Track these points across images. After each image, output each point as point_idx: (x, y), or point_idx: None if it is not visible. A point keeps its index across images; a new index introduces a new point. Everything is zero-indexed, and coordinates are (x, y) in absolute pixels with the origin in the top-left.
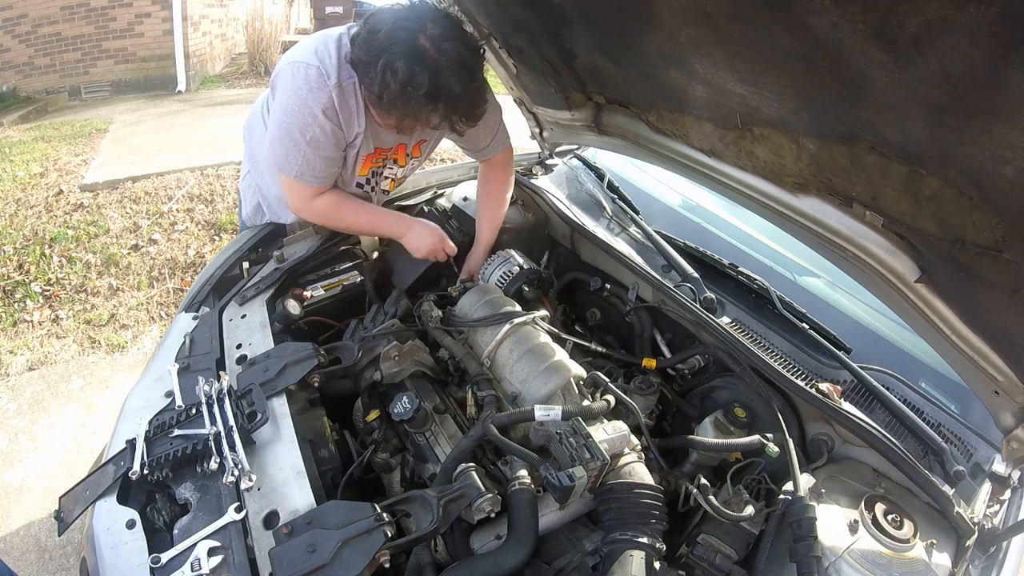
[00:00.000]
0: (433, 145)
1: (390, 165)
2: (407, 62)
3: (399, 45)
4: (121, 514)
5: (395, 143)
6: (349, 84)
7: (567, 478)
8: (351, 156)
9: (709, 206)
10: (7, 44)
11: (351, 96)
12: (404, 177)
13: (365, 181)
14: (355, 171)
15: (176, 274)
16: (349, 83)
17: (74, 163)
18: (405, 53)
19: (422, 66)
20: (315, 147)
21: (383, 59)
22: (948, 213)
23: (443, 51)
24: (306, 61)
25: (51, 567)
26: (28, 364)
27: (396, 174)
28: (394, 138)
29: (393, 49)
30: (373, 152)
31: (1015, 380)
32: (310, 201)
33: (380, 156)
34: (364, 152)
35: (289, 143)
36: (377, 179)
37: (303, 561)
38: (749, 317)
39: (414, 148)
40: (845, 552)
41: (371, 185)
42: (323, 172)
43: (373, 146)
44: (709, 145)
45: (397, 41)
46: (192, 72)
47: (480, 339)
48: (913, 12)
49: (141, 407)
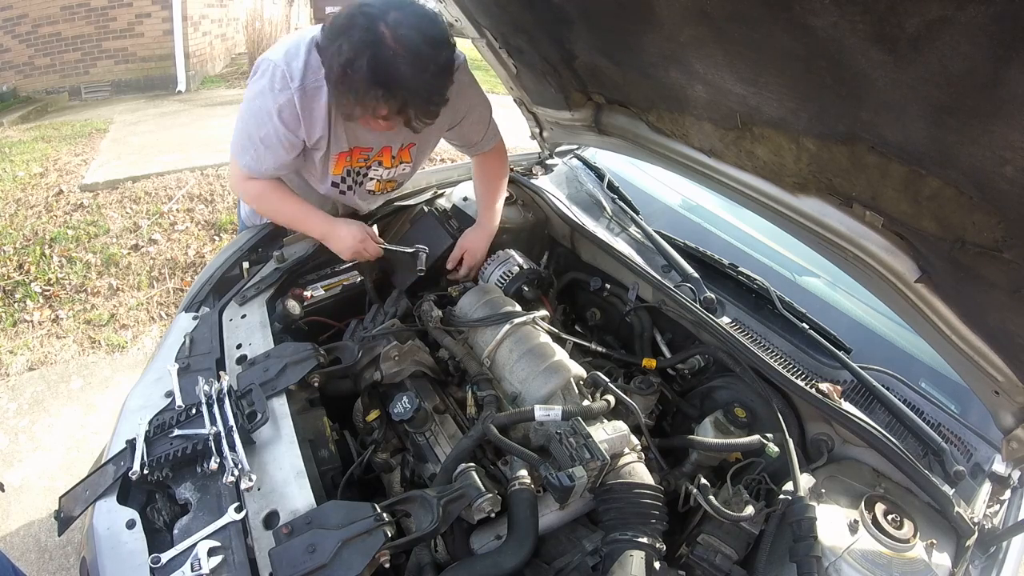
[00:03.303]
0: (427, 150)
1: (375, 167)
2: (357, 45)
3: (357, 30)
4: (121, 514)
5: (379, 144)
6: (314, 87)
7: (567, 478)
8: (316, 157)
9: (709, 206)
10: (7, 44)
11: (315, 99)
12: (395, 181)
13: (340, 180)
14: (327, 170)
15: (176, 274)
16: (314, 86)
17: (74, 163)
18: (360, 37)
19: (371, 50)
20: (266, 145)
21: (337, 42)
22: (948, 213)
23: (400, 38)
24: (275, 61)
25: (51, 567)
26: (28, 364)
27: (382, 175)
28: (376, 138)
29: (350, 33)
30: (349, 151)
31: (1015, 380)
32: (245, 183)
33: (361, 156)
34: (335, 151)
35: (244, 136)
36: (357, 179)
37: (303, 561)
38: (749, 317)
39: (402, 151)
40: (845, 552)
41: (347, 184)
42: (269, 169)
43: (348, 145)
44: (709, 145)
45: (356, 26)
46: (192, 72)
47: (480, 339)
48: (913, 12)
49: (141, 407)
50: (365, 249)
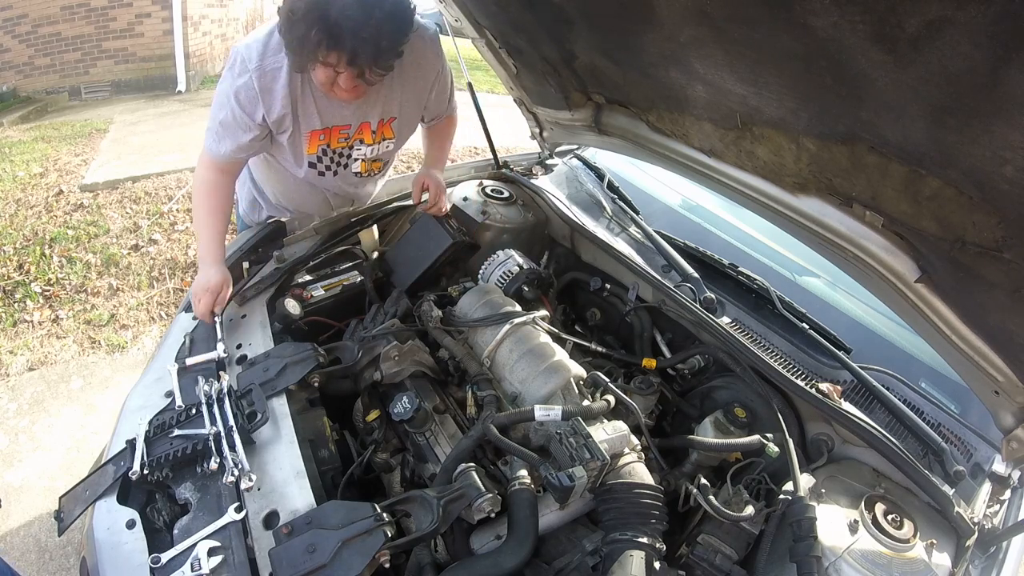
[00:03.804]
0: (410, 124)
1: (357, 145)
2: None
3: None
4: (121, 514)
5: (356, 120)
6: (273, 68)
7: (567, 478)
8: (284, 139)
9: (709, 206)
10: (7, 44)
11: (274, 79)
12: (380, 160)
13: (317, 160)
14: (301, 151)
15: (176, 274)
16: (273, 67)
17: (74, 163)
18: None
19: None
20: (224, 127)
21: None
22: (948, 213)
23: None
24: (239, 48)
25: (51, 567)
26: (28, 364)
27: (366, 154)
28: (352, 113)
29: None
30: (323, 129)
31: (1015, 380)
32: (204, 168)
33: (341, 135)
34: (306, 128)
35: (211, 119)
36: (340, 160)
37: (303, 561)
38: (749, 317)
39: (383, 127)
40: (845, 552)
41: (325, 165)
42: (228, 152)
43: (322, 123)
44: (709, 145)
45: None
46: (192, 72)
47: (480, 339)
48: (913, 12)
49: (141, 407)
50: (199, 301)
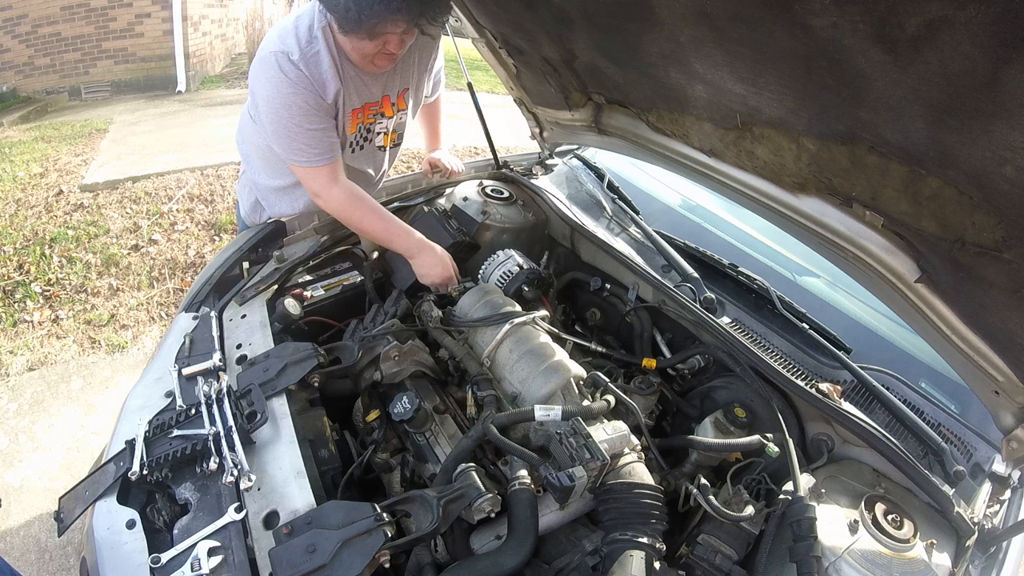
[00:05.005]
0: (418, 95)
1: (380, 119)
2: None
3: None
4: (121, 514)
5: (381, 94)
6: (312, 51)
7: (567, 478)
8: (340, 119)
9: (709, 206)
10: (7, 44)
11: (318, 62)
12: (396, 132)
13: (355, 140)
14: (345, 132)
15: (176, 274)
16: (311, 51)
17: (74, 163)
18: None
19: None
20: (308, 123)
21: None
22: (948, 213)
23: None
24: (267, 50)
25: (51, 567)
26: (28, 364)
27: (387, 127)
28: (378, 88)
29: None
30: (361, 107)
31: (1015, 380)
32: (329, 188)
33: (369, 112)
34: (350, 107)
35: (284, 132)
36: (368, 135)
37: (303, 561)
38: (749, 317)
39: (398, 98)
40: (845, 552)
41: (359, 143)
42: (326, 145)
43: (360, 101)
44: (709, 145)
45: None
46: (192, 72)
47: (480, 339)
48: (913, 12)
49: (141, 407)
50: (445, 285)
